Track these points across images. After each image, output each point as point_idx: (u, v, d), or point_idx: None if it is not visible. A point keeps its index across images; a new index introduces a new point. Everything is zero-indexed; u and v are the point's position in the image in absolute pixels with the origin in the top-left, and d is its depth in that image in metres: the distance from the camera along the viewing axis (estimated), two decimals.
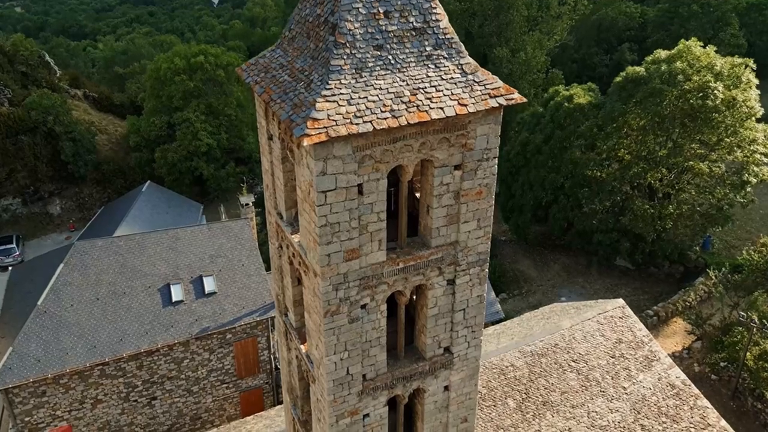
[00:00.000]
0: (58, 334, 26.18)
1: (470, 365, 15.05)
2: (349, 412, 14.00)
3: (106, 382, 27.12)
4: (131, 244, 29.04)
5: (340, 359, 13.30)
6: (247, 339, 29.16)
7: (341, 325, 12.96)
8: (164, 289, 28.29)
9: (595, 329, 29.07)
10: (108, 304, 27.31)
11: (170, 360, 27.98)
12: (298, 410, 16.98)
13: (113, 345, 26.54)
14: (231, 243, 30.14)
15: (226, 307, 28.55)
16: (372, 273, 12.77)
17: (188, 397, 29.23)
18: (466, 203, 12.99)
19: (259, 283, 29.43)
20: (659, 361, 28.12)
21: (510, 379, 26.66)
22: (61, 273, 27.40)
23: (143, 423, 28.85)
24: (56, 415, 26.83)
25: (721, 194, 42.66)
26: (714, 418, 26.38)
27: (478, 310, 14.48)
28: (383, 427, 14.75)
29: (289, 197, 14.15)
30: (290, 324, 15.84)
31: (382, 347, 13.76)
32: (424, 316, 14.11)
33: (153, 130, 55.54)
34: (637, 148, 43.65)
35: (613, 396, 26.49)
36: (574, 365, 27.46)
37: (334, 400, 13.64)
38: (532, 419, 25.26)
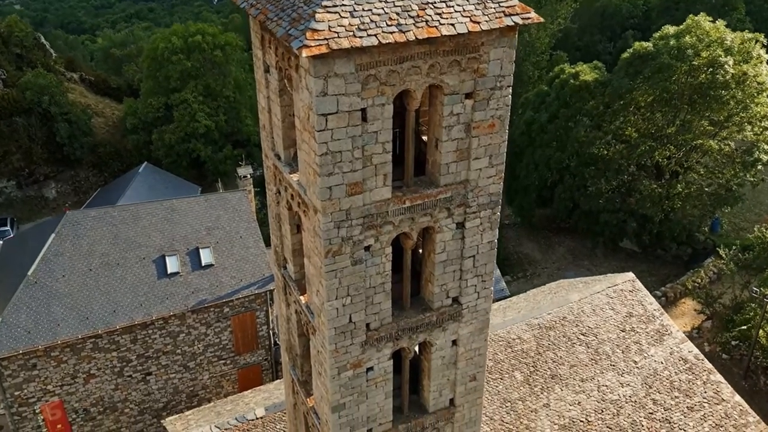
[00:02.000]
0: (48, 305, 25.28)
1: (480, 318, 14.13)
2: (352, 365, 13.09)
3: (99, 356, 26.22)
4: (125, 214, 28.11)
5: (342, 305, 12.39)
6: (245, 313, 28.25)
7: (343, 268, 12.04)
8: (159, 261, 27.37)
9: (605, 303, 28.17)
10: (101, 275, 26.40)
11: (165, 334, 27.07)
12: (298, 370, 16.09)
13: (106, 317, 25.64)
14: (228, 215, 29.21)
15: (224, 280, 27.64)
16: (376, 211, 11.84)
17: (184, 373, 28.33)
18: (477, 137, 12.06)
19: (258, 255, 28.51)
20: (671, 335, 27.24)
21: (517, 351, 25.78)
22: (52, 243, 26.49)
23: (138, 400, 27.96)
24: (47, 390, 25.95)
25: (730, 173, 41.78)
26: (728, 393, 25.51)
27: (488, 257, 13.54)
28: (387, 382, 13.85)
29: (287, 135, 13.22)
30: (289, 276, 14.93)
31: (386, 294, 12.85)
32: (432, 262, 13.19)
33: (150, 112, 54.56)
34: (644, 125, 42.72)
35: (624, 370, 25.61)
36: (583, 338, 26.57)
37: (336, 350, 12.73)
38: (540, 392, 24.38)
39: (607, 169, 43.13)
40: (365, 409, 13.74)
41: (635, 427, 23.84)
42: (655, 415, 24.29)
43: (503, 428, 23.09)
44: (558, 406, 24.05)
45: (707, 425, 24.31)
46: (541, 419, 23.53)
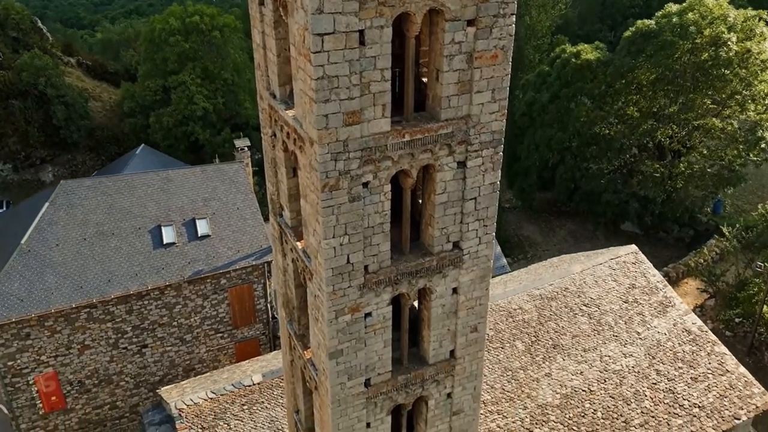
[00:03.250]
0: (42, 273, 24.86)
1: (481, 265, 13.69)
2: (350, 308, 12.67)
3: (93, 327, 25.81)
4: (120, 184, 27.67)
5: (340, 244, 11.96)
6: (243, 285, 27.83)
7: (341, 204, 11.61)
8: (155, 231, 26.94)
9: (607, 274, 27.80)
10: (95, 244, 25.97)
11: (161, 305, 26.66)
12: (295, 323, 15.67)
13: (101, 286, 25.22)
14: (225, 186, 28.77)
15: (221, 251, 27.22)
16: (375, 144, 11.40)
17: (181, 346, 27.92)
18: (480, 68, 11.61)
19: (255, 227, 28.09)
20: (674, 307, 26.87)
21: (518, 321, 25.41)
22: (46, 212, 26.06)
23: (133, 372, 27.56)
24: (41, 361, 25.55)
25: (733, 153, 41.36)
26: (732, 365, 25.16)
27: (490, 200, 13.11)
28: (386, 329, 13.42)
29: (283, 71, 12.77)
30: (285, 224, 14.51)
31: (385, 236, 12.42)
32: (432, 204, 12.76)
33: (148, 95, 54.08)
34: (647, 104, 42.27)
35: (627, 341, 25.24)
36: (586, 309, 26.20)
37: (333, 291, 12.31)
38: (542, 362, 24.02)
39: (608, 148, 42.70)
40: (363, 356, 13.33)
41: (638, 396, 23.48)
42: (658, 385, 23.93)
43: (504, 396, 22.71)
44: (560, 375, 23.68)
45: (711, 396, 23.95)
46: (542, 388, 23.17)
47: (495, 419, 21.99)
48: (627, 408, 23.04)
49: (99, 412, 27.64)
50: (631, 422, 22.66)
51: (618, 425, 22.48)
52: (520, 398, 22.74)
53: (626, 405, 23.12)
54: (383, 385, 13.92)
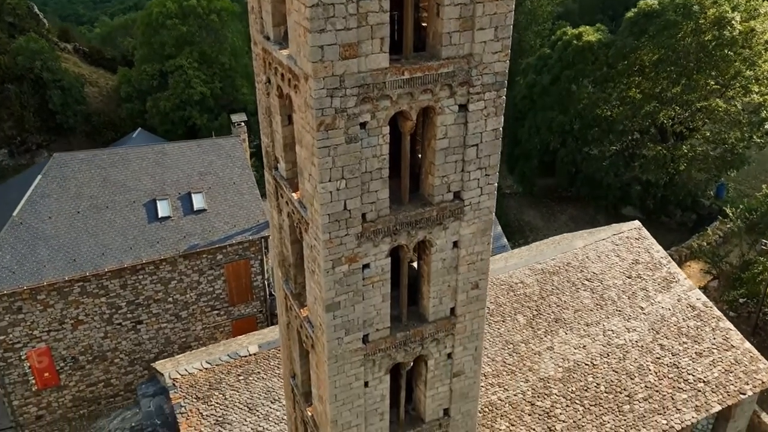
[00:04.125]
0: (34, 246, 24.37)
1: (483, 217, 13.21)
2: (347, 259, 12.19)
3: (87, 301, 25.33)
4: (114, 158, 27.18)
5: (336, 189, 11.48)
6: (239, 261, 27.36)
7: (337, 145, 11.13)
8: (150, 205, 26.44)
9: (610, 249, 27.37)
10: (89, 217, 25.48)
11: (156, 280, 26.17)
12: (291, 282, 15.20)
13: (94, 259, 24.74)
14: (222, 161, 28.26)
15: (217, 225, 26.72)
16: (373, 81, 10.91)
17: (176, 323, 27.45)
18: (482, 3, 11.12)
19: (252, 201, 27.59)
20: (678, 282, 26.45)
21: (520, 295, 24.98)
22: (38, 184, 25.55)
23: (128, 349, 27.08)
24: (34, 335, 25.07)
25: (736, 136, 40.87)
26: (737, 340, 24.75)
27: (492, 148, 12.62)
28: (385, 283, 12.95)
29: (277, 10, 12.26)
30: (281, 176, 14.03)
31: (384, 182, 11.93)
32: (432, 150, 12.27)
33: (145, 79, 53.54)
34: (649, 86, 41.76)
35: (630, 315, 24.82)
36: (588, 284, 25.77)
37: (330, 240, 11.83)
38: (543, 336, 23.60)
39: (610, 130, 42.21)
40: (361, 311, 12.86)
41: (642, 371, 23.06)
42: (662, 360, 23.51)
43: (505, 369, 22.29)
44: (562, 349, 23.26)
45: (716, 371, 23.53)
46: (544, 361, 22.75)
47: (496, 391, 21.56)
48: (630, 382, 22.62)
49: (93, 389, 27.18)
50: (634, 396, 22.24)
51: (621, 399, 22.06)
52: (521, 371, 22.31)
53: (630, 379, 22.70)
54: (381, 342, 13.47)
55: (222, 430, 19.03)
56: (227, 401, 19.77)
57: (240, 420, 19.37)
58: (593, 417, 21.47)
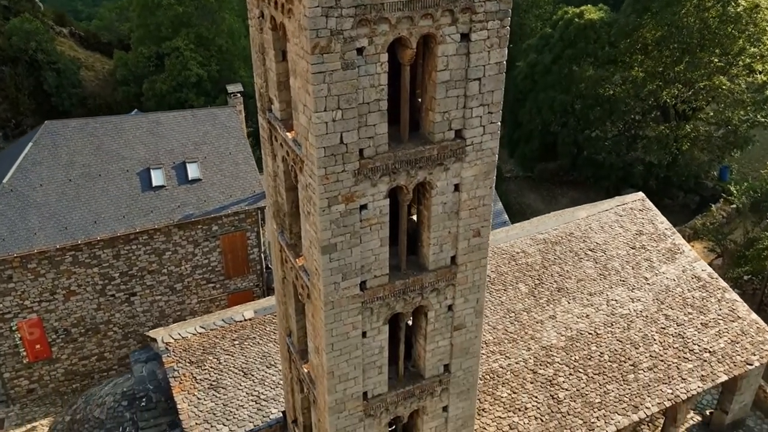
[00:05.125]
0: (25, 213, 23.82)
1: (485, 159, 12.69)
2: (344, 197, 11.67)
3: (79, 271, 24.78)
4: (107, 126, 26.60)
5: (332, 119, 10.95)
6: (235, 233, 26.81)
7: (333, 71, 10.59)
8: (144, 174, 25.88)
9: (614, 220, 26.83)
10: (81, 185, 24.93)
11: (150, 251, 25.62)
12: (286, 233, 14.68)
13: (86, 227, 24.17)
14: (217, 131, 27.69)
15: (212, 195, 26.16)
16: (371, 1, 10.39)
17: (171, 295, 26.91)
18: None
19: (248, 172, 27.03)
20: (683, 253, 25.91)
21: (521, 265, 24.44)
22: (29, 152, 24.99)
23: (122, 322, 26.55)
24: (25, 306, 24.53)
25: (739, 115, 40.35)
26: (744, 311, 24.22)
27: (496, 83, 12.09)
28: (384, 226, 12.43)
29: None
30: (274, 117, 13.50)
31: (382, 115, 11.41)
32: (433, 83, 11.73)
33: (141, 61, 52.96)
34: (652, 64, 41.20)
35: (634, 286, 24.29)
36: (591, 254, 25.24)
37: (326, 176, 11.31)
38: (546, 305, 23.07)
39: (612, 110, 41.64)
40: (359, 254, 12.34)
41: (647, 341, 22.54)
42: (667, 330, 23.00)
43: (507, 337, 21.77)
44: (565, 318, 22.74)
45: (722, 341, 23.02)
46: (547, 330, 22.22)
47: (497, 359, 21.04)
48: (635, 351, 22.11)
49: (86, 363, 26.66)
50: (639, 365, 21.73)
51: (626, 368, 21.55)
52: (523, 339, 21.79)
53: (634, 348, 22.19)
54: (380, 290, 12.96)
55: (216, 395, 18.51)
56: (221, 366, 19.25)
57: (235, 384, 18.85)
58: (597, 386, 20.95)
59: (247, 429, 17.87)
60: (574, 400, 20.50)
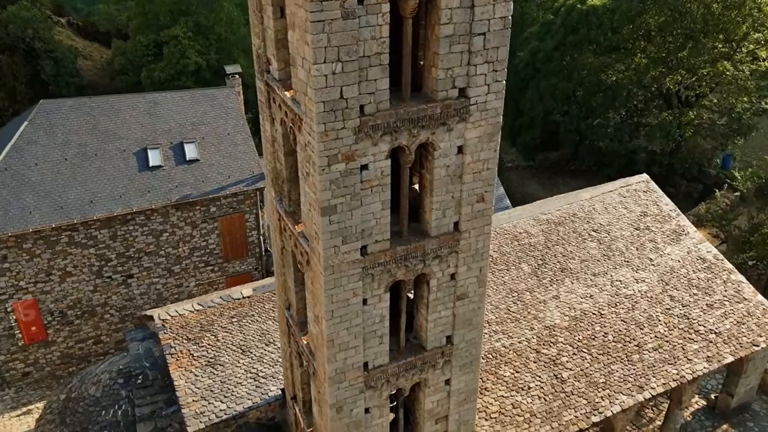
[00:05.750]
0: (20, 192, 23.46)
1: (490, 120, 12.32)
2: (344, 156, 11.30)
3: (75, 252, 24.42)
4: (104, 106, 26.20)
5: (332, 72, 10.58)
6: (234, 215, 26.43)
7: (332, 20, 10.21)
8: (141, 154, 25.49)
9: (618, 201, 26.48)
10: (77, 165, 24.54)
11: (147, 232, 25.25)
12: (285, 200, 14.32)
13: (82, 207, 23.80)
14: (215, 111, 27.30)
15: (210, 175, 25.79)
16: None
17: (168, 278, 26.54)
18: None
19: (247, 153, 26.65)
20: (688, 235, 25.56)
21: (524, 245, 24.09)
22: (24, 131, 24.61)
23: (119, 305, 26.18)
24: (20, 286, 24.17)
25: (743, 102, 39.97)
26: (749, 293, 23.88)
27: (501, 39, 11.71)
28: (385, 188, 12.07)
29: None
30: (272, 78, 13.13)
31: (383, 70, 11.03)
32: (436, 38, 11.35)
33: (139, 50, 52.49)
34: (655, 50, 40.78)
35: (639, 266, 23.95)
36: (595, 235, 24.89)
37: (325, 132, 10.94)
38: (549, 285, 22.72)
39: (615, 96, 41.22)
40: (359, 217, 11.98)
41: (652, 321, 22.19)
42: (672, 311, 22.65)
43: (509, 317, 21.42)
44: (568, 298, 22.39)
45: (728, 322, 22.66)
46: (550, 310, 21.87)
47: (500, 338, 20.70)
48: (640, 332, 21.76)
49: (82, 346, 26.30)
50: (644, 346, 21.38)
51: (630, 348, 21.20)
52: (526, 319, 21.44)
53: (639, 329, 21.84)
54: (381, 255, 12.59)
55: (214, 372, 18.15)
56: (219, 343, 18.89)
57: (233, 361, 18.50)
58: (601, 366, 20.61)
59: (246, 406, 17.52)
60: (578, 380, 20.16)
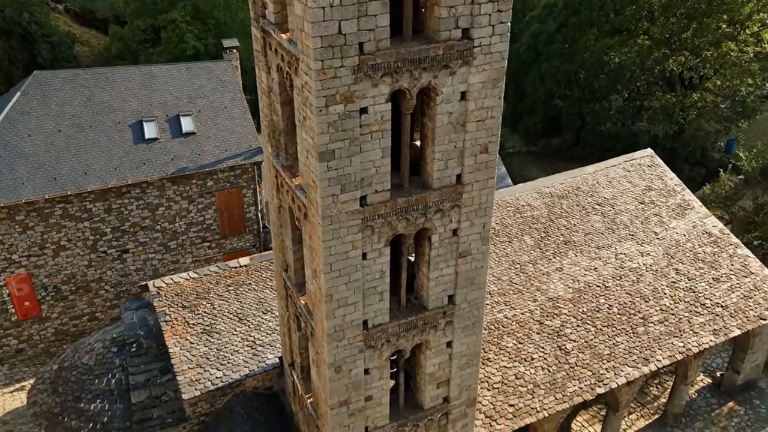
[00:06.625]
0: (12, 163, 22.98)
1: (495, 64, 11.85)
2: (343, 96, 10.84)
3: (69, 225, 23.94)
4: (98, 78, 25.71)
5: (330, 5, 10.10)
6: (231, 189, 25.96)
7: None
8: (136, 126, 25.00)
9: (622, 175, 26.06)
10: (71, 136, 24.06)
11: (143, 205, 24.78)
12: (282, 154, 13.87)
13: (76, 178, 23.32)
14: (212, 85, 26.81)
15: (206, 149, 25.30)
16: None
17: (165, 253, 26.08)
18: None
19: (244, 126, 26.17)
20: (693, 209, 25.15)
21: (527, 218, 23.67)
22: (17, 102, 24.12)
23: (114, 280, 25.71)
24: (12, 260, 23.71)
25: (747, 84, 39.49)
26: (756, 267, 23.50)
27: None
28: (385, 134, 11.62)
29: None
30: (268, 22, 12.66)
31: (383, 4, 10.55)
32: None
33: (137, 34, 52.00)
34: (658, 31, 40.28)
35: (644, 240, 23.54)
36: (599, 208, 24.47)
37: (323, 70, 10.47)
38: (552, 257, 22.32)
39: (618, 78, 40.73)
40: (359, 165, 11.53)
41: (657, 294, 21.81)
42: (678, 284, 22.27)
43: (512, 288, 21.01)
44: (572, 270, 22.00)
45: (735, 296, 22.29)
46: (553, 282, 21.47)
47: (502, 309, 20.29)
48: (645, 305, 21.36)
49: (77, 323, 25.84)
50: (649, 319, 20.98)
51: (636, 321, 20.81)
52: (529, 291, 21.03)
53: (644, 302, 21.45)
54: (381, 207, 12.14)
55: (210, 339, 17.73)
56: (215, 311, 18.47)
57: (229, 329, 18.07)
58: (606, 338, 20.20)
59: (243, 374, 17.10)
60: (582, 352, 19.75)
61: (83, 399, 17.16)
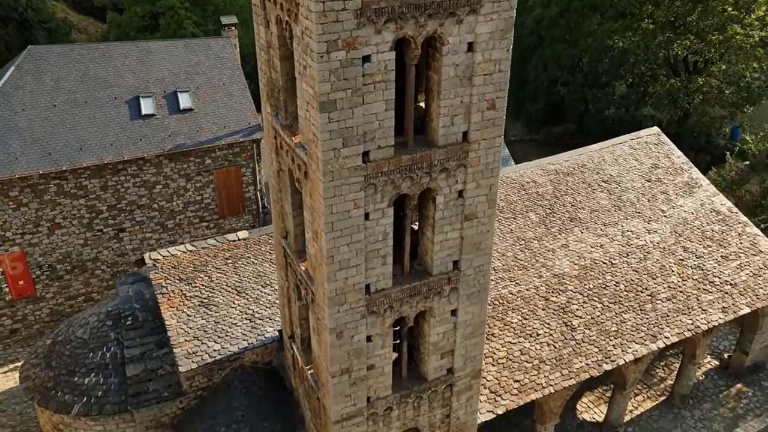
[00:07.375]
0: (6, 138, 22.47)
1: (502, 13, 11.34)
2: (345, 42, 10.34)
3: (65, 202, 23.46)
4: (94, 53, 25.20)
5: None
6: (230, 167, 25.47)
7: None
8: (133, 102, 24.51)
9: (628, 153, 25.60)
10: (67, 112, 23.56)
11: (140, 183, 24.29)
12: (282, 113, 13.37)
13: (71, 154, 22.83)
14: (210, 61, 26.31)
15: (204, 125, 24.80)
16: None
17: (162, 233, 25.59)
18: None
19: (243, 103, 25.67)
20: (701, 188, 24.68)
21: (532, 194, 23.19)
22: (11, 76, 23.61)
23: (110, 260, 25.22)
24: (6, 237, 23.22)
25: (752, 68, 38.95)
26: (766, 245, 23.04)
27: None
28: (389, 85, 11.12)
29: None
30: None
31: None
32: None
33: (134, 21, 51.44)
34: (662, 14, 39.72)
35: (651, 218, 23.07)
36: (605, 186, 24.00)
37: (324, 12, 9.97)
38: (557, 234, 21.84)
39: (622, 63, 40.19)
40: (361, 117, 11.03)
41: (664, 272, 21.33)
42: (686, 262, 21.79)
43: (517, 265, 20.53)
44: (578, 247, 21.51)
45: (744, 274, 21.81)
46: (559, 259, 20.99)
47: (507, 285, 19.82)
48: (652, 282, 20.89)
49: (72, 303, 25.36)
50: (657, 296, 20.51)
51: (643, 298, 20.33)
52: (534, 267, 20.56)
53: (651, 279, 20.98)
54: (384, 164, 11.66)
55: (207, 312, 17.26)
56: (213, 284, 17.99)
57: (227, 302, 17.60)
58: (613, 314, 19.73)
59: (241, 347, 16.63)
60: (588, 328, 19.28)
61: (77, 373, 16.69)
